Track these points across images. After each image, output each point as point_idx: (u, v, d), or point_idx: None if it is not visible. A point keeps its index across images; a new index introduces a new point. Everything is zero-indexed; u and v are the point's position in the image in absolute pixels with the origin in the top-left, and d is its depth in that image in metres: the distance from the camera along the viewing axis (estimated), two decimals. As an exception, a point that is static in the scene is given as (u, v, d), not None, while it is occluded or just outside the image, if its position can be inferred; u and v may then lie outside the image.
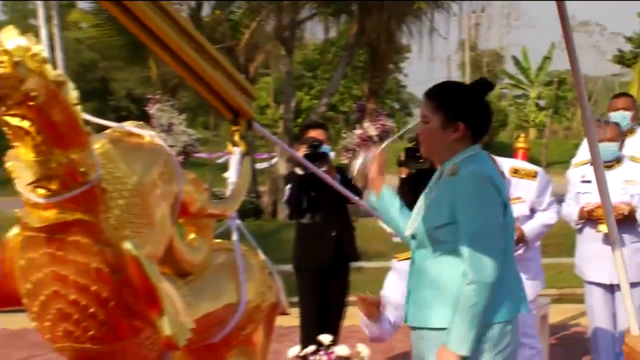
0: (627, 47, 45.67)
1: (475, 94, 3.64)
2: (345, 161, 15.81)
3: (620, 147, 6.64)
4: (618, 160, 6.41)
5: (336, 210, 6.88)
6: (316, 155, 6.50)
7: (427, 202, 3.63)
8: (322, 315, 6.81)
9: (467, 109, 3.58)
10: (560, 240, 10.63)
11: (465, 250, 3.43)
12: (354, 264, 7.04)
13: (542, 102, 49.42)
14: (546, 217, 5.63)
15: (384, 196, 3.87)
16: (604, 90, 56.75)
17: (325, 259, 6.89)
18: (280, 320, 4.24)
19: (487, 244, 3.43)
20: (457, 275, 3.44)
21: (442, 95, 3.65)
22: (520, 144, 6.76)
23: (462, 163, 3.53)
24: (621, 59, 46.15)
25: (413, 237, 3.67)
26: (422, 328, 3.59)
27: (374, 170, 3.91)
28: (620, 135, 6.68)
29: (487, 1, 55.58)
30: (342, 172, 7.20)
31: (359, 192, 6.93)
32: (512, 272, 3.58)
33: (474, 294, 3.38)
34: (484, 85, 3.66)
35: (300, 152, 6.75)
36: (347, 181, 6.89)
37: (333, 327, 6.51)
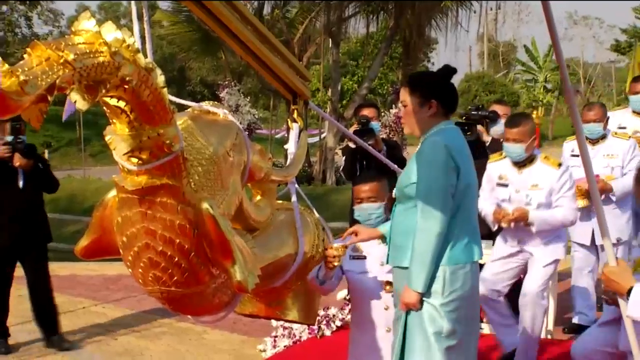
0: (622, 38, 44.81)
1: (442, 77, 3.70)
2: (383, 136, 15.72)
3: (605, 127, 6.47)
4: (603, 137, 6.31)
5: (385, 176, 6.81)
6: (364, 131, 6.46)
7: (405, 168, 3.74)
8: None
9: (437, 89, 3.64)
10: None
11: (418, 204, 3.49)
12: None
13: (549, 85, 48.62)
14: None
15: None
16: (601, 74, 55.82)
17: None
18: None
19: (434, 200, 3.45)
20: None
21: (416, 82, 3.72)
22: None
23: (430, 135, 3.58)
24: (617, 48, 45.36)
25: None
26: (397, 267, 3.64)
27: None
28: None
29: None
30: (389, 144, 7.11)
31: (402, 162, 6.87)
32: (469, 226, 3.57)
33: (423, 242, 3.43)
34: (449, 71, 3.72)
35: (353, 127, 6.71)
36: (392, 152, 6.81)
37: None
